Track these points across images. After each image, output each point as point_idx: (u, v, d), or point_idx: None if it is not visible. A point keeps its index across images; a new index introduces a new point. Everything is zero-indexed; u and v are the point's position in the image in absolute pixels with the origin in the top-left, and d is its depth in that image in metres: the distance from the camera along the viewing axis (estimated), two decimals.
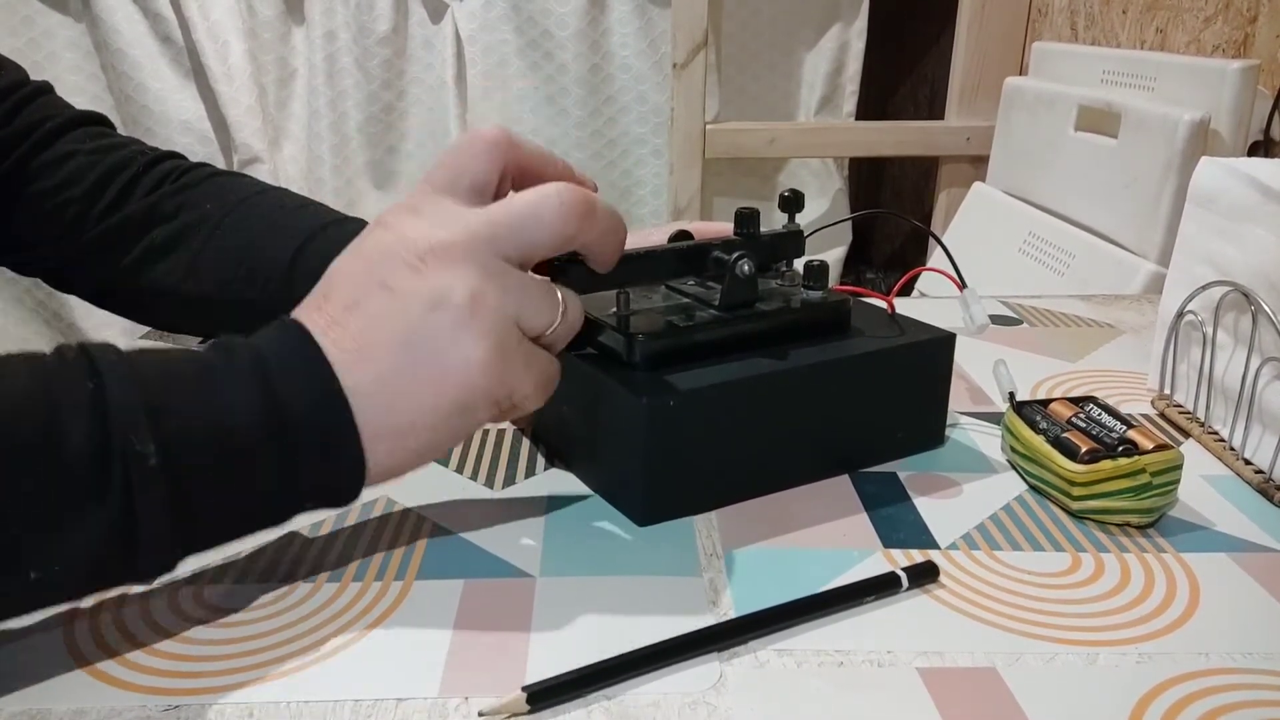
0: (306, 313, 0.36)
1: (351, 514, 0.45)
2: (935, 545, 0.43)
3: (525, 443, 0.52)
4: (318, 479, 0.35)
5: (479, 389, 0.36)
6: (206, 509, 0.34)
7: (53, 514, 0.30)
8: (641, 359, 0.44)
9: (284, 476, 0.35)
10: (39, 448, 0.30)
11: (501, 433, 0.53)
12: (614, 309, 0.46)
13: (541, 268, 0.41)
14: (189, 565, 0.41)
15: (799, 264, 0.51)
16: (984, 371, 0.62)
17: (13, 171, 0.56)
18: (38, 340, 1.64)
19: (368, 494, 0.46)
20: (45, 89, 0.59)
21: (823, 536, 0.43)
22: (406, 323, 0.35)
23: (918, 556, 0.42)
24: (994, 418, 0.55)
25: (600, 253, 0.40)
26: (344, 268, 0.37)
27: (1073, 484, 0.44)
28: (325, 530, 0.44)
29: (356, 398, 0.35)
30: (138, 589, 0.39)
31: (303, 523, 0.44)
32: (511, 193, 0.39)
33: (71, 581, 0.33)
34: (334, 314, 0.36)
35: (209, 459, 0.33)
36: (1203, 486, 0.48)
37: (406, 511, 0.45)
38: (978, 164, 1.62)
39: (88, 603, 0.38)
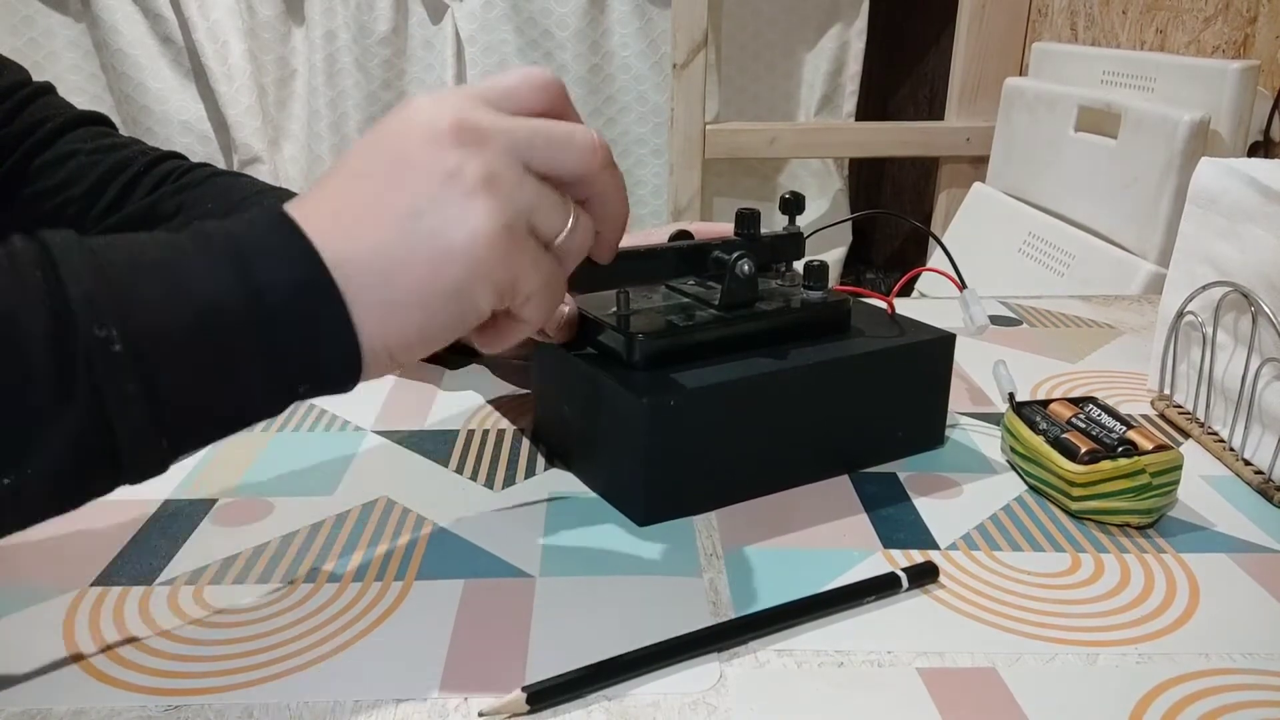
0: (303, 196, 0.35)
1: (352, 514, 0.45)
2: (935, 546, 0.43)
3: (525, 443, 0.52)
4: (307, 359, 0.33)
5: (483, 266, 0.34)
6: (186, 399, 0.31)
7: (18, 416, 0.29)
8: (641, 359, 0.44)
9: (268, 360, 0.32)
10: None
11: (502, 433, 0.53)
12: (614, 309, 0.46)
13: None
14: (186, 565, 0.41)
15: (799, 264, 0.51)
16: (984, 372, 0.62)
17: (13, 171, 0.56)
18: None
19: (368, 493, 0.47)
20: (47, 89, 0.60)
21: (823, 537, 0.43)
22: (413, 193, 0.33)
23: (918, 557, 0.42)
24: (994, 418, 0.55)
25: (607, 208, 0.38)
26: (361, 142, 0.36)
27: (1072, 484, 0.44)
28: (325, 530, 0.44)
29: (347, 274, 0.33)
30: (138, 587, 0.39)
31: (303, 521, 0.44)
32: None
33: (53, 486, 0.31)
34: (336, 186, 0.34)
35: (180, 344, 0.31)
36: (1202, 487, 0.48)
37: (406, 511, 0.45)
38: (978, 164, 1.62)
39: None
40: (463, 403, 0.57)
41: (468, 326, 0.35)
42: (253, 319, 0.32)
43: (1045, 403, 0.50)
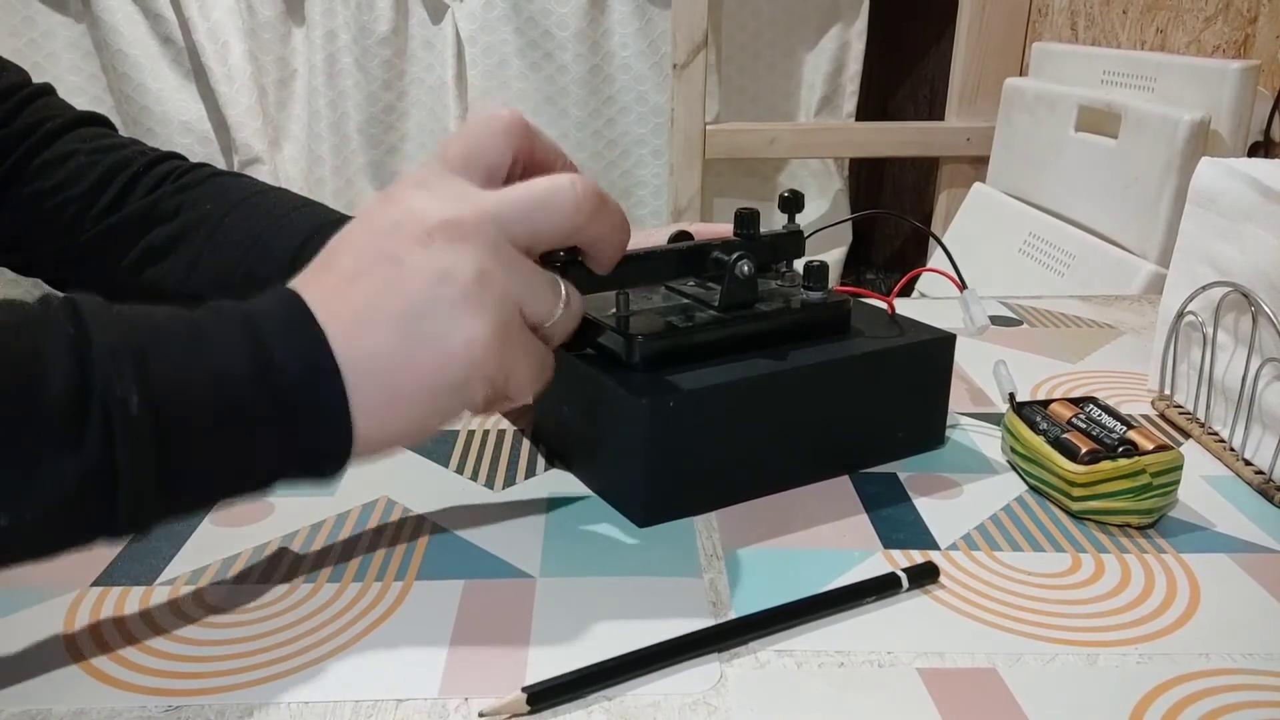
0: (305, 282, 0.36)
1: (352, 514, 0.45)
2: (935, 546, 0.43)
3: (525, 443, 0.52)
4: (304, 445, 0.34)
5: (477, 367, 0.35)
6: (190, 465, 0.32)
7: (26, 457, 0.29)
8: (641, 360, 0.44)
9: (269, 440, 0.33)
10: (14, 389, 0.29)
11: (502, 433, 0.53)
12: (614, 310, 0.46)
13: (540, 264, 0.41)
14: (186, 565, 0.41)
15: (799, 264, 0.51)
16: (984, 372, 0.62)
17: (12, 172, 0.56)
18: None
19: (368, 493, 0.47)
20: (46, 91, 0.59)
21: (823, 537, 0.43)
22: (410, 297, 0.34)
23: (918, 557, 0.42)
24: (994, 418, 0.55)
25: (603, 250, 0.40)
26: (348, 238, 0.37)
27: (1073, 485, 0.44)
28: (325, 530, 0.44)
29: (350, 369, 0.34)
30: (138, 587, 0.39)
31: (303, 521, 0.44)
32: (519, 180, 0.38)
33: (44, 531, 0.31)
34: (334, 284, 0.35)
35: (194, 412, 0.32)
36: (1203, 487, 0.48)
37: (406, 511, 0.45)
38: (978, 164, 1.62)
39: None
40: None
41: (459, 417, 0.37)
42: (263, 395, 0.33)
43: (1045, 403, 0.50)
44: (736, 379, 0.44)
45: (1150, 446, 0.44)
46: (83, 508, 0.31)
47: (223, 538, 0.43)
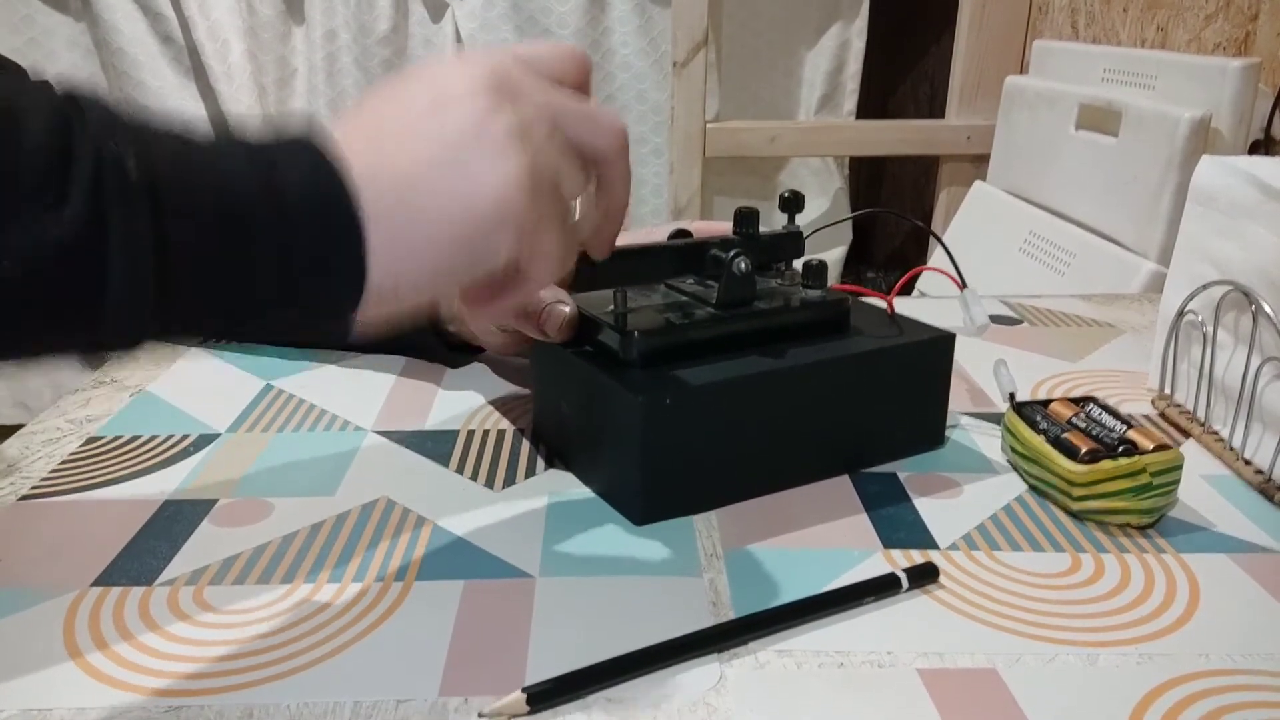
0: (339, 116, 0.34)
1: (352, 514, 0.45)
2: (935, 546, 0.43)
3: (525, 443, 0.52)
4: (311, 263, 0.31)
5: (511, 208, 0.33)
6: (187, 255, 0.29)
7: (7, 207, 0.27)
8: (638, 357, 0.44)
9: (275, 249, 0.30)
10: None
11: (502, 433, 0.53)
12: (612, 307, 0.46)
13: None
14: (186, 565, 0.41)
15: (798, 263, 0.51)
16: (984, 371, 0.61)
17: None
18: None
19: (368, 493, 0.47)
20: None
21: (823, 537, 0.43)
22: (453, 127, 0.33)
23: (918, 557, 0.42)
24: (994, 418, 0.55)
25: (616, 194, 0.39)
26: (399, 78, 0.35)
27: (1073, 484, 0.44)
28: (325, 530, 0.44)
29: (377, 185, 0.31)
30: (138, 587, 0.39)
31: (303, 521, 0.44)
32: None
33: (14, 301, 0.27)
34: (373, 114, 0.34)
35: (196, 197, 0.29)
36: (1203, 487, 0.48)
37: (407, 512, 0.45)
38: (978, 163, 1.62)
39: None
40: (463, 403, 0.57)
41: (479, 272, 0.34)
42: (270, 200, 0.30)
43: (1045, 402, 0.50)
44: (734, 377, 0.44)
45: (1150, 446, 0.44)
46: (64, 275, 0.27)
47: (223, 538, 0.43)
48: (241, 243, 0.30)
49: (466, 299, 0.38)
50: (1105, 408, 0.48)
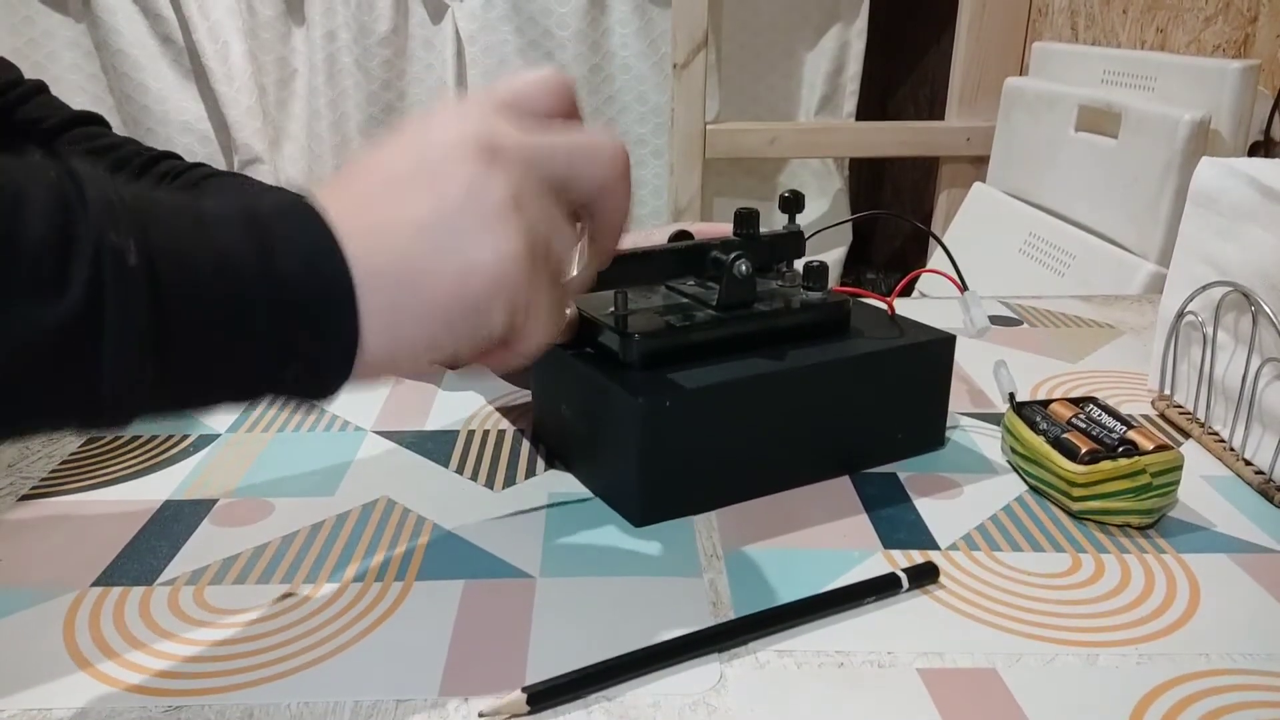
0: (327, 188, 0.34)
1: (352, 514, 0.45)
2: (935, 546, 0.43)
3: (525, 444, 0.52)
4: (304, 344, 0.31)
5: (503, 286, 0.33)
6: (185, 334, 0.29)
7: (6, 294, 0.27)
8: (638, 359, 0.44)
9: (268, 332, 0.31)
10: None
11: (502, 433, 0.53)
12: (612, 309, 0.46)
13: None
14: (186, 565, 0.41)
15: (799, 264, 0.51)
16: (984, 372, 0.62)
17: None
18: None
19: (368, 493, 0.47)
20: (40, 88, 0.59)
21: (823, 537, 0.43)
22: (440, 204, 0.33)
23: (918, 557, 0.42)
24: (994, 419, 0.55)
25: (614, 221, 0.38)
26: (377, 146, 0.35)
27: (1073, 485, 0.44)
28: (325, 530, 0.44)
29: (363, 269, 0.32)
30: (138, 587, 0.39)
31: (303, 521, 0.44)
32: None
33: (12, 384, 0.28)
34: (361, 190, 0.34)
35: (195, 277, 0.29)
36: (1203, 487, 0.48)
37: (406, 511, 0.45)
38: (978, 164, 1.62)
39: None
40: (463, 403, 0.57)
41: (475, 344, 0.35)
42: (269, 283, 0.30)
43: (1045, 403, 0.50)
44: (734, 379, 0.44)
45: (1150, 446, 0.44)
46: (61, 362, 0.28)
47: (223, 538, 0.43)
48: (240, 326, 0.30)
49: (461, 357, 0.38)
50: (1105, 408, 0.48)
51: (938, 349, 0.50)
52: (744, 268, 0.46)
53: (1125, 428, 0.46)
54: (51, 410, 0.29)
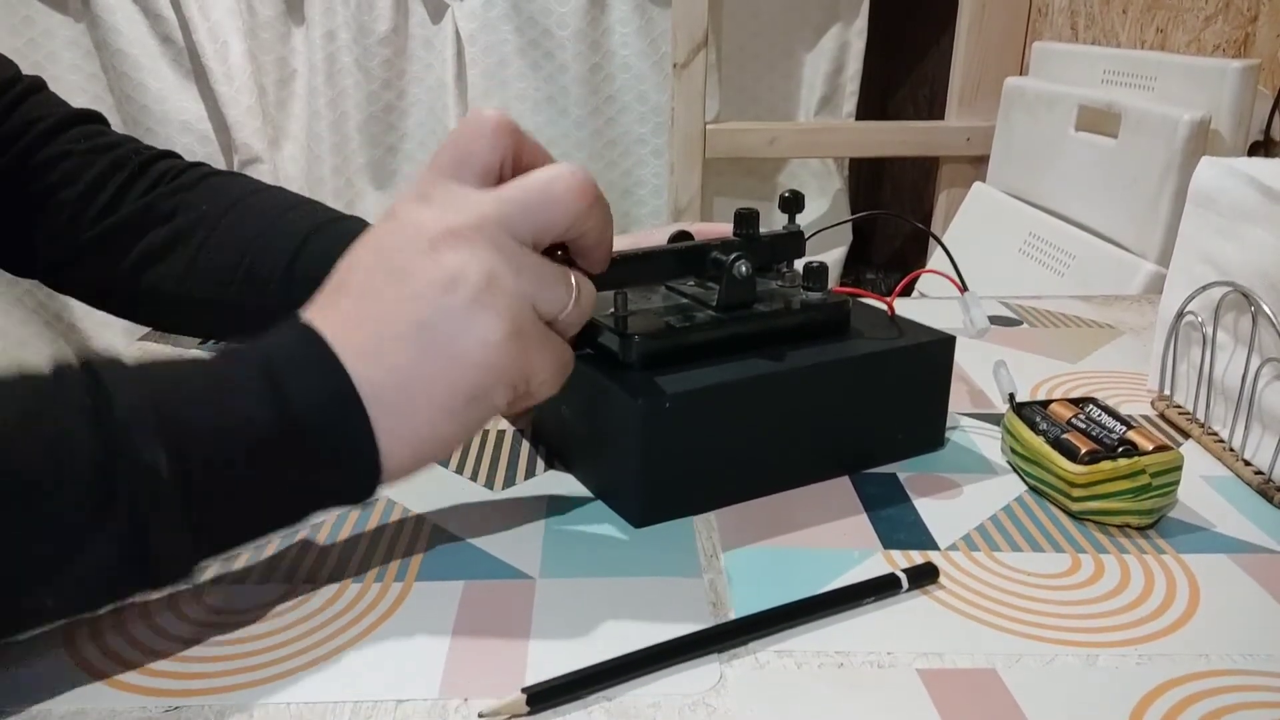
0: (318, 311, 0.36)
1: (352, 514, 0.45)
2: (935, 546, 0.43)
3: (525, 444, 0.52)
4: (332, 480, 0.35)
5: (496, 372, 0.35)
6: (220, 517, 0.33)
7: (64, 540, 0.30)
8: (638, 359, 0.44)
9: (298, 480, 0.34)
10: (44, 478, 0.30)
11: (502, 434, 0.53)
12: (612, 310, 0.46)
13: None
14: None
15: (799, 265, 0.51)
16: (984, 373, 0.62)
17: (7, 172, 0.56)
18: (38, 341, 1.64)
19: None
20: (38, 86, 0.59)
21: (823, 537, 0.43)
22: (419, 309, 0.34)
23: (917, 558, 0.42)
24: (994, 419, 0.55)
25: (599, 244, 0.39)
26: (356, 260, 0.37)
27: (1072, 485, 0.44)
28: (325, 532, 0.44)
29: (371, 395, 0.34)
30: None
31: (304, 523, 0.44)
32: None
33: (85, 599, 0.33)
34: (346, 310, 0.36)
35: (222, 467, 0.32)
36: (1203, 487, 0.48)
37: (406, 513, 0.45)
38: (978, 164, 1.62)
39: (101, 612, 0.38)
40: None
41: (484, 424, 0.37)
42: (290, 438, 0.33)
43: (1045, 403, 0.50)
44: (733, 380, 0.44)
45: (1150, 447, 0.44)
46: (120, 575, 0.32)
47: None
48: (269, 482, 0.34)
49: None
50: (1105, 409, 0.48)
51: (937, 349, 0.50)
52: (744, 268, 0.46)
53: (1125, 428, 0.46)
54: (114, 602, 0.35)
